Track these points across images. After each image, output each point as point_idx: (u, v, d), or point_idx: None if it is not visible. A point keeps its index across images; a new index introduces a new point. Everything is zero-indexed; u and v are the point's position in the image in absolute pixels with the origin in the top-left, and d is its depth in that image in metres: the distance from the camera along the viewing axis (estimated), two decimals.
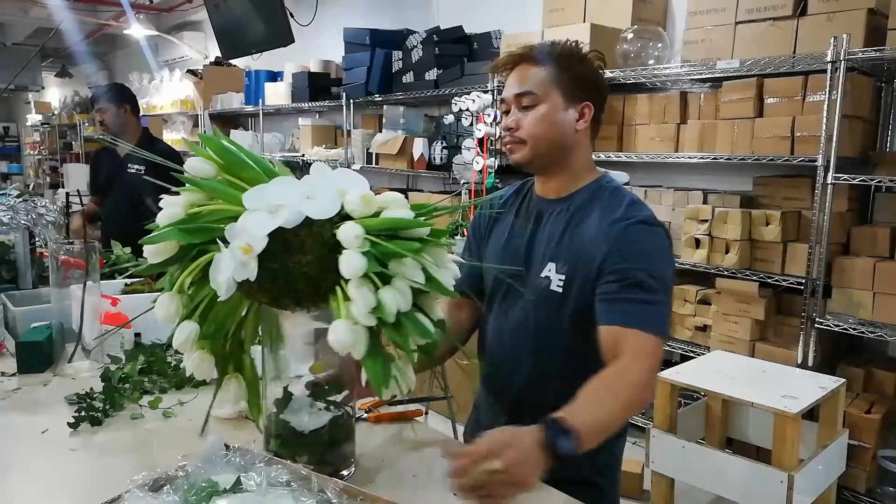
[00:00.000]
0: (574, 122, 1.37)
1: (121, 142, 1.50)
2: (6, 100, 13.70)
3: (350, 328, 0.95)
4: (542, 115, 1.36)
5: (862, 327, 2.77)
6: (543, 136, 1.36)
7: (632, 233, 1.29)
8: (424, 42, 4.55)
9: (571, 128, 1.37)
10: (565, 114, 1.36)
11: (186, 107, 7.35)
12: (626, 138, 3.73)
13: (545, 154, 1.38)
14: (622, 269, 1.27)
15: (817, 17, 2.91)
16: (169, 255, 1.05)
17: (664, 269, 1.29)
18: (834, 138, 2.74)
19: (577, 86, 1.36)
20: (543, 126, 1.36)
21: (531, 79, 1.36)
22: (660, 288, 1.26)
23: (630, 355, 1.21)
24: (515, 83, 1.38)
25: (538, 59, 1.36)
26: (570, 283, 1.33)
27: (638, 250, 1.28)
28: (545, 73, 1.36)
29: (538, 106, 1.36)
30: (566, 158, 1.40)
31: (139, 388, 1.45)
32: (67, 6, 7.41)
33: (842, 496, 2.73)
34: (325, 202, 0.99)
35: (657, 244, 1.31)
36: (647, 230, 1.31)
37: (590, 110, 1.38)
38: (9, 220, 2.01)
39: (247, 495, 0.88)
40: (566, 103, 1.36)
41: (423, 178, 5.10)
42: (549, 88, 1.35)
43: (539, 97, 1.35)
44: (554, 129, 1.36)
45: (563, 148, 1.38)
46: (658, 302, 1.25)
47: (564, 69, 1.36)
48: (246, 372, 1.14)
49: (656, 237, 1.31)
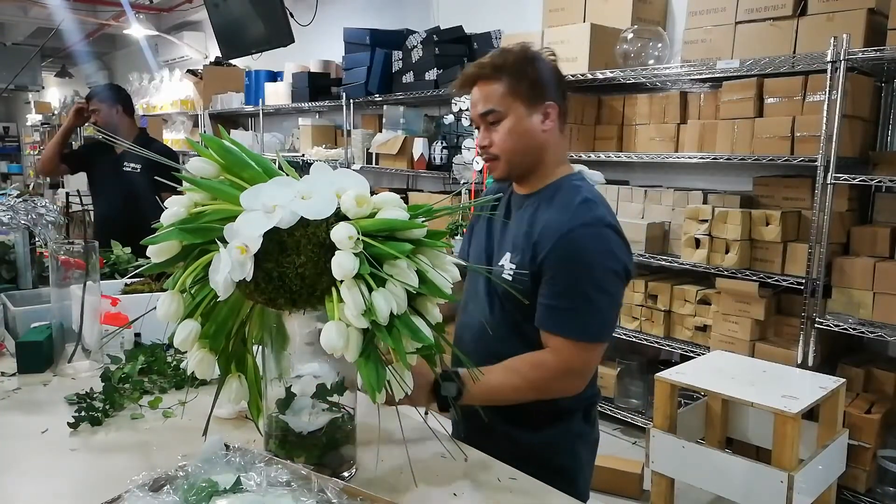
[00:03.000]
0: (540, 124, 1.40)
1: (118, 139, 1.50)
2: (6, 100, 13.71)
3: (341, 330, 0.94)
4: (509, 129, 1.39)
5: (862, 327, 2.77)
6: (514, 149, 1.40)
7: (573, 238, 1.32)
8: (424, 42, 4.55)
9: (539, 131, 1.40)
10: (530, 120, 1.39)
11: (186, 107, 7.35)
12: (626, 138, 3.74)
13: (520, 164, 1.43)
14: (556, 275, 1.33)
15: (817, 17, 2.91)
16: (171, 255, 1.05)
17: (600, 273, 1.32)
18: (834, 138, 2.74)
19: (535, 90, 1.38)
20: (512, 139, 1.39)
21: (491, 96, 1.38)
22: (592, 293, 1.31)
23: (551, 352, 1.34)
24: (478, 102, 1.41)
25: (493, 75, 1.38)
26: (519, 274, 1.40)
27: (574, 256, 1.32)
28: (503, 87, 1.38)
29: (503, 121, 1.39)
30: (539, 159, 1.44)
31: (139, 388, 1.45)
32: (67, 6, 7.41)
33: (842, 496, 2.74)
34: (320, 202, 0.99)
35: (597, 248, 1.32)
36: (591, 233, 1.33)
37: (553, 109, 1.40)
38: (9, 220, 2.01)
39: (247, 495, 0.88)
40: (529, 110, 1.39)
41: (423, 178, 5.11)
42: (509, 101, 1.38)
43: (502, 113, 1.38)
44: (523, 138, 1.40)
45: (535, 152, 1.42)
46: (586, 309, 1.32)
47: (520, 78, 1.38)
48: (248, 371, 1.14)
49: (597, 240, 1.33)
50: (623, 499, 2.95)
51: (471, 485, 1.14)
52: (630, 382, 3.66)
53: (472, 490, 1.12)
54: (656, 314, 3.48)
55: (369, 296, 0.95)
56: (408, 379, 1.04)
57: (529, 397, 1.36)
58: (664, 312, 3.45)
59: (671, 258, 3.39)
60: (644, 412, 3.52)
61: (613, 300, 1.35)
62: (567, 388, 1.37)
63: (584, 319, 1.32)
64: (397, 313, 0.97)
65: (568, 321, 1.32)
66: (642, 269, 3.77)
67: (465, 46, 4.48)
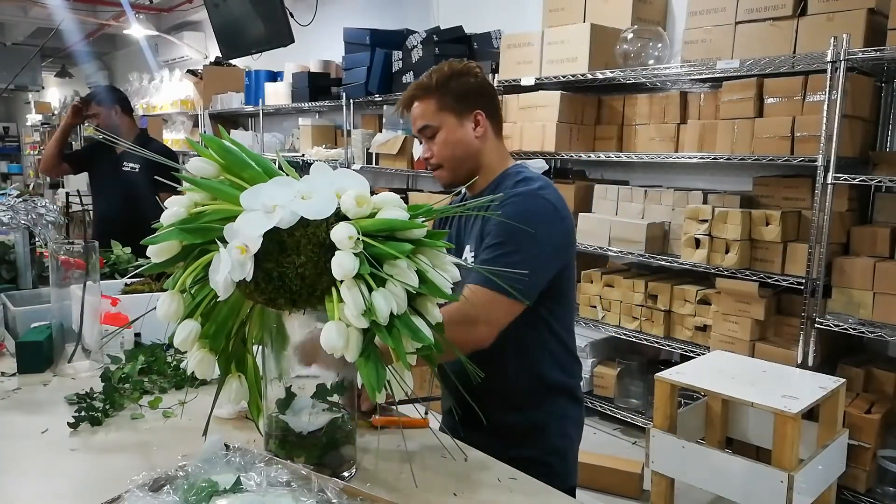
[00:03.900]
0: (472, 130, 1.53)
1: (119, 140, 1.50)
2: (6, 100, 13.71)
3: (341, 330, 0.94)
4: (444, 140, 1.53)
5: (862, 327, 2.77)
6: (452, 156, 1.54)
7: (504, 206, 1.41)
8: (424, 42, 4.55)
9: (472, 137, 1.54)
10: (463, 129, 1.53)
11: (186, 107, 7.35)
12: (626, 138, 3.74)
13: (461, 169, 1.55)
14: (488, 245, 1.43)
15: (817, 17, 2.91)
16: (172, 255, 1.05)
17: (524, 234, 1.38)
18: (834, 138, 2.74)
19: (461, 102, 1.52)
20: (448, 148, 1.53)
21: (424, 113, 1.53)
22: (511, 251, 1.39)
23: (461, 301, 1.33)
24: (416, 119, 1.56)
25: (423, 95, 1.53)
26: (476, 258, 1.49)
27: (503, 223, 1.40)
28: (433, 104, 1.52)
29: (438, 134, 1.53)
30: (479, 163, 1.56)
31: (139, 388, 1.45)
32: (67, 6, 7.41)
33: (842, 496, 2.74)
34: (320, 202, 0.99)
35: (523, 212, 1.40)
36: (519, 201, 1.43)
37: (482, 116, 1.54)
38: (9, 220, 2.01)
39: (247, 495, 0.88)
40: (459, 120, 1.53)
41: (423, 178, 5.10)
42: (440, 115, 1.52)
43: (435, 126, 1.53)
44: (459, 146, 1.53)
45: (473, 157, 1.55)
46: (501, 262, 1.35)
47: (445, 93, 1.51)
48: (248, 371, 1.14)
49: (525, 206, 1.42)
50: (623, 499, 2.95)
51: (471, 485, 1.14)
52: (630, 382, 3.66)
53: (472, 490, 1.12)
54: (656, 314, 3.48)
55: (369, 296, 0.95)
56: (407, 378, 1.04)
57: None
58: (664, 312, 3.45)
59: (671, 258, 3.39)
60: (644, 412, 3.52)
61: (532, 259, 1.39)
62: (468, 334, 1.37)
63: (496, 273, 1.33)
64: (397, 313, 0.97)
65: (483, 273, 1.35)
66: (642, 268, 3.77)
67: (465, 46, 4.48)
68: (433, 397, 1.78)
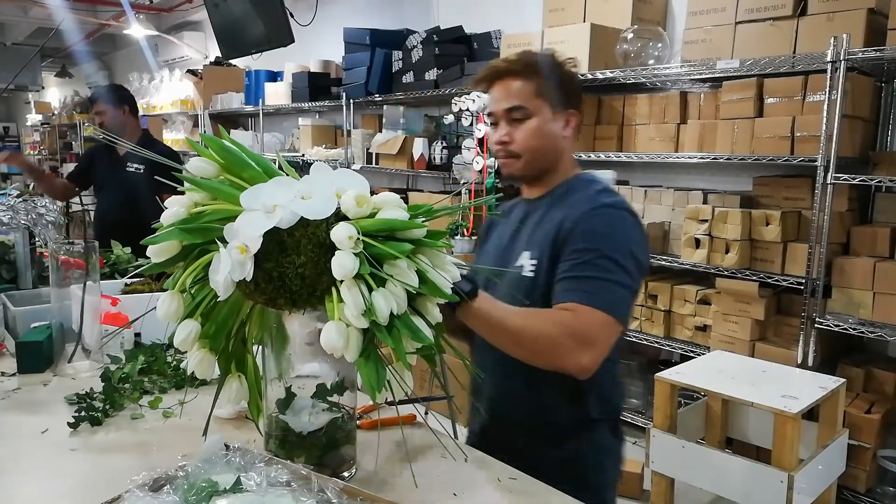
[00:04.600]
0: (561, 129, 1.42)
1: (121, 141, 1.50)
2: (6, 100, 13.71)
3: (341, 330, 0.94)
4: (535, 128, 1.39)
5: (862, 327, 2.77)
6: (537, 149, 1.41)
7: (598, 214, 1.32)
8: (424, 42, 4.55)
9: (559, 136, 1.42)
10: (554, 124, 1.41)
11: (186, 107, 7.35)
12: (626, 138, 3.73)
13: (538, 166, 1.43)
14: (578, 249, 1.29)
15: (817, 17, 2.91)
16: (172, 255, 1.05)
17: (622, 251, 1.28)
18: (834, 138, 2.74)
19: (562, 95, 1.40)
20: (537, 139, 1.40)
21: (520, 93, 1.39)
22: (614, 268, 1.26)
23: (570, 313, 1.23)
24: (503, 97, 1.40)
25: (524, 72, 1.39)
26: (540, 266, 1.36)
27: (598, 230, 1.30)
28: (533, 86, 1.38)
29: (529, 119, 1.39)
30: (554, 165, 1.45)
31: (139, 388, 1.45)
32: (67, 6, 7.40)
33: (842, 496, 2.73)
34: (320, 202, 0.99)
35: (619, 226, 1.31)
36: (614, 213, 1.33)
37: (574, 118, 1.43)
38: (9, 220, 2.01)
39: (247, 495, 0.88)
40: (554, 114, 1.40)
41: (423, 178, 5.10)
42: (537, 101, 1.39)
43: (528, 111, 1.39)
44: (546, 140, 1.41)
45: (553, 157, 1.44)
46: (608, 280, 1.25)
47: (550, 80, 1.39)
48: (248, 371, 1.14)
49: (618, 219, 1.32)
50: (623, 499, 2.94)
51: (471, 485, 1.14)
52: (630, 382, 3.66)
53: (472, 490, 1.12)
54: (656, 314, 3.48)
55: (369, 296, 0.95)
56: (407, 378, 1.04)
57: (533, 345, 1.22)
58: (664, 312, 3.45)
59: (671, 258, 3.39)
60: (644, 412, 3.52)
61: (631, 280, 1.28)
62: (574, 356, 1.21)
63: (605, 291, 1.25)
64: (397, 313, 0.97)
65: (589, 289, 1.24)
66: None
67: (465, 46, 4.48)
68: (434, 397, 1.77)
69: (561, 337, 1.21)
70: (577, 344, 1.21)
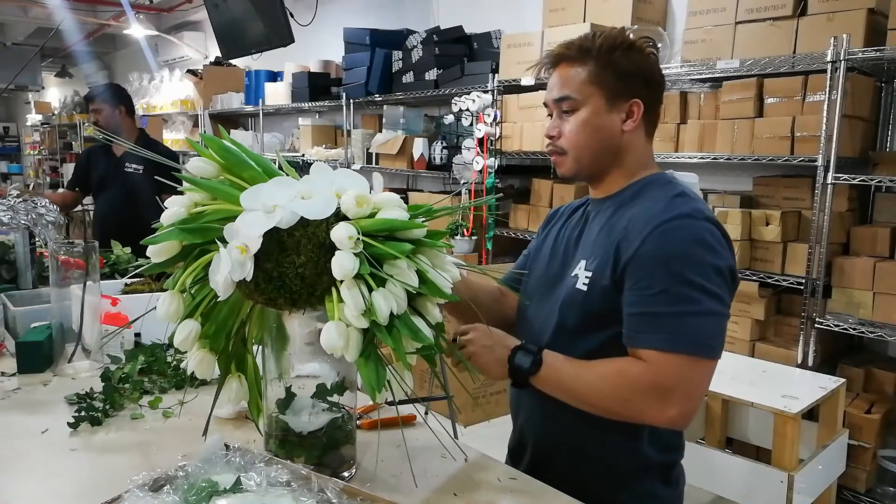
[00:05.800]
0: (620, 123, 1.24)
1: (120, 140, 1.50)
2: (6, 100, 13.70)
3: (341, 330, 0.94)
4: (583, 121, 1.24)
5: (862, 327, 2.77)
6: (585, 145, 1.25)
7: (668, 229, 1.13)
8: (424, 42, 4.55)
9: (617, 130, 1.24)
10: (609, 116, 1.24)
11: (186, 107, 7.35)
12: None
13: (590, 164, 1.27)
14: (646, 276, 1.13)
15: (817, 17, 2.91)
16: (171, 255, 1.05)
17: (704, 272, 1.11)
18: (834, 138, 2.74)
19: (621, 82, 1.23)
20: (584, 134, 1.24)
21: (570, 80, 1.24)
22: (695, 295, 1.10)
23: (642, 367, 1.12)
24: (554, 86, 1.26)
25: (577, 57, 1.24)
26: (594, 282, 1.21)
27: (670, 252, 1.12)
28: (585, 74, 1.23)
29: (577, 111, 1.24)
30: (616, 162, 1.27)
31: (139, 388, 1.45)
32: (67, 6, 7.40)
33: (842, 496, 2.73)
34: (320, 202, 0.99)
35: (698, 242, 1.12)
36: (689, 225, 1.14)
37: (639, 108, 1.24)
38: (9, 220, 2.01)
39: (247, 495, 0.88)
40: (609, 104, 1.23)
41: (423, 178, 5.10)
42: (589, 90, 1.23)
43: (578, 101, 1.23)
44: (597, 135, 1.24)
45: (610, 153, 1.26)
46: (687, 314, 1.10)
47: (605, 66, 1.22)
48: (248, 371, 1.14)
49: (696, 232, 1.13)
50: None
51: (471, 485, 1.14)
52: None
53: (472, 490, 1.12)
54: None
55: (369, 296, 0.95)
56: (407, 378, 1.04)
57: (608, 406, 1.14)
58: None
59: None
60: None
61: (719, 305, 1.12)
62: (656, 410, 1.11)
63: (685, 327, 1.10)
64: (397, 313, 0.97)
65: (663, 329, 1.10)
66: None
67: (464, 46, 4.48)
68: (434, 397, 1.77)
69: (634, 395, 1.11)
70: (656, 399, 1.10)
